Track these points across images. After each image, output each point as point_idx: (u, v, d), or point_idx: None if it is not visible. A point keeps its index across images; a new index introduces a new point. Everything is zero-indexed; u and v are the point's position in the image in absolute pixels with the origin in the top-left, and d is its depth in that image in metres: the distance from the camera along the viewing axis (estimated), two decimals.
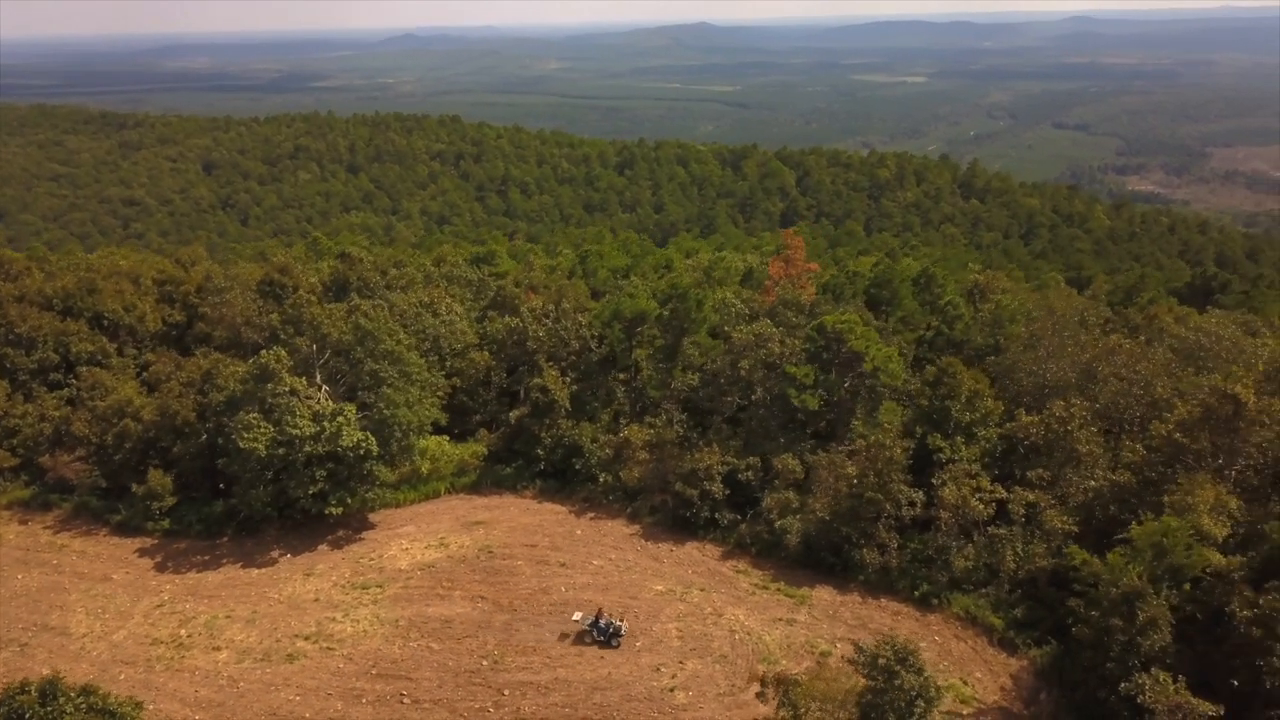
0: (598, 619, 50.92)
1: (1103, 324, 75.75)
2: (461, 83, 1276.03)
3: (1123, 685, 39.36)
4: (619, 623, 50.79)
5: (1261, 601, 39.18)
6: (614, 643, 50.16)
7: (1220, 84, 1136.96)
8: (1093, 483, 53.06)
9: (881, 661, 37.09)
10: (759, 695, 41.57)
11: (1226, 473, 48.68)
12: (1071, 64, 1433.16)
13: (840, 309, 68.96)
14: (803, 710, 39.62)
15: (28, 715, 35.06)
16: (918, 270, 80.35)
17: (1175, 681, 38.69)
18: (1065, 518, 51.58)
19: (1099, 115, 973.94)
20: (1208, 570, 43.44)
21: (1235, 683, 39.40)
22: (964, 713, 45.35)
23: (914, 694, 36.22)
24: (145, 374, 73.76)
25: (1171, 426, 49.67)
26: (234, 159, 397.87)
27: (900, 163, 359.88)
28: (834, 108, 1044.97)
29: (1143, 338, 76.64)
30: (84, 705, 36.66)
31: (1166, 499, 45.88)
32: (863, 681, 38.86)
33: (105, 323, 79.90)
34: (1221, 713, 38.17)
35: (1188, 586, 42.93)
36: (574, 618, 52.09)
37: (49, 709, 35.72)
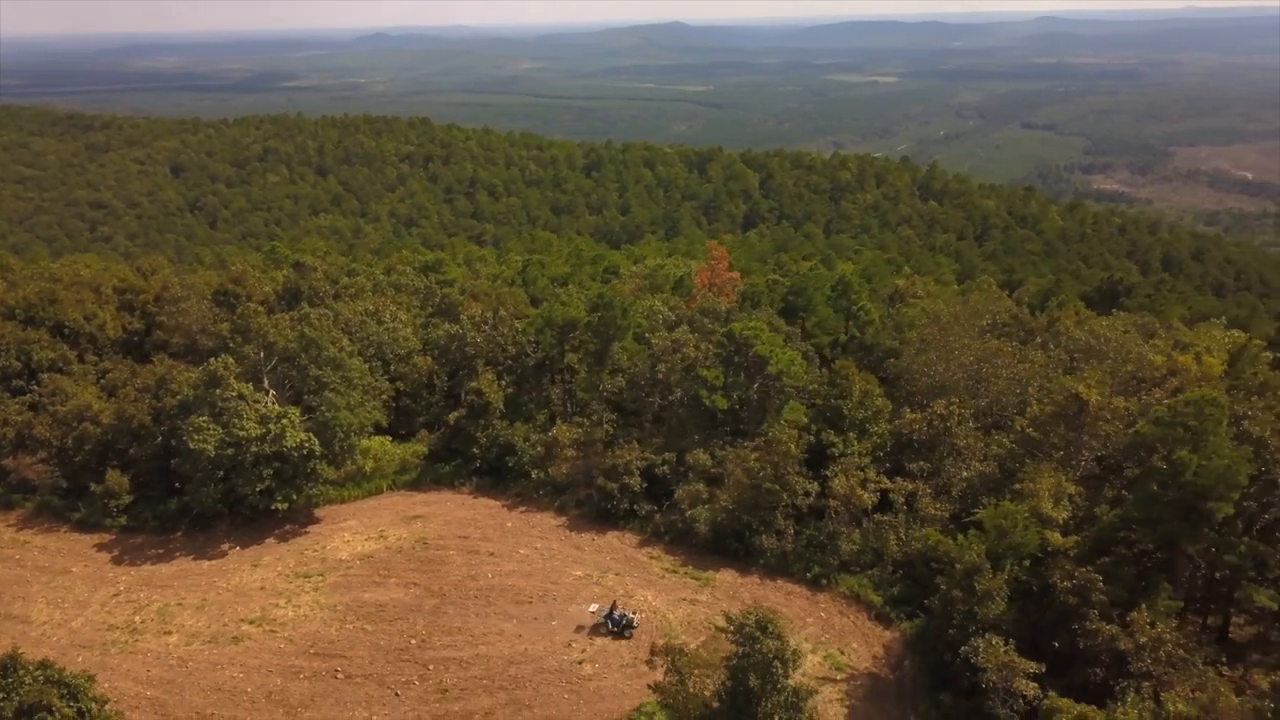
0: (612, 610, 54.67)
1: (1000, 328, 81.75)
2: (434, 83, 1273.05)
3: (962, 649, 45.19)
4: (631, 615, 54.25)
5: (1077, 574, 45.18)
6: (626, 634, 53.45)
7: (1185, 84, 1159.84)
8: (966, 473, 59.04)
9: (746, 629, 42.57)
10: (648, 663, 46.91)
11: (1074, 463, 54.82)
12: (1040, 64, 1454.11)
13: (754, 316, 74.62)
14: (685, 674, 45.13)
15: None
16: (835, 279, 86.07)
17: (1006, 645, 44.60)
18: (939, 505, 57.51)
19: (1066, 115, 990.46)
20: (1048, 548, 49.41)
21: (1056, 644, 45.35)
22: (837, 677, 51.11)
23: (772, 657, 41.69)
24: (104, 380, 77.87)
25: (1026, 422, 55.80)
26: (202, 161, 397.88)
27: (862, 165, 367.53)
28: (806, 107, 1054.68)
29: (1039, 340, 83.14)
30: (41, 678, 41.34)
31: (1016, 486, 51.90)
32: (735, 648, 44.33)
33: (66, 331, 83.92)
34: (1043, 669, 44.13)
35: (1027, 563, 48.85)
36: (590, 609, 55.83)
37: (9, 680, 40.41)
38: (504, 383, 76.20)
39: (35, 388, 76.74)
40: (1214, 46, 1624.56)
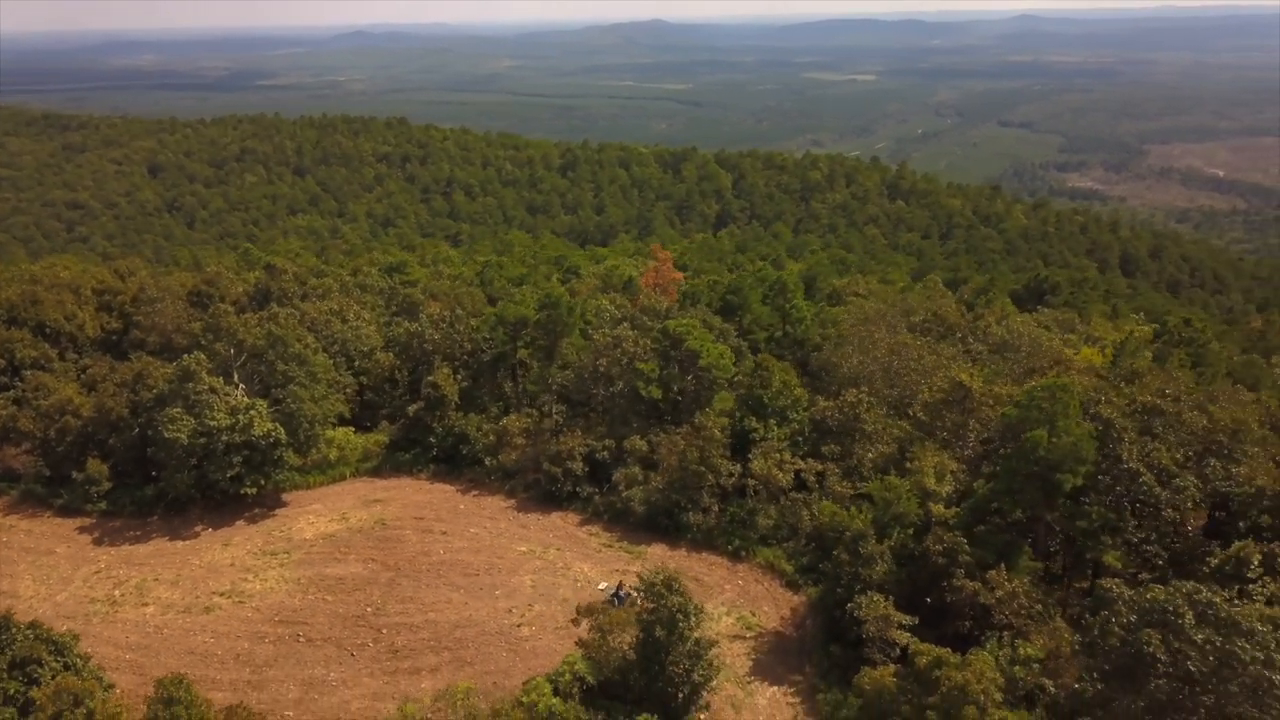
0: (619, 590, 58.80)
1: (923, 324, 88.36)
2: (413, 81, 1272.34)
3: (849, 605, 51.53)
4: (635, 593, 56.39)
5: (946, 538, 51.61)
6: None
7: (1160, 82, 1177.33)
8: (871, 454, 65.46)
9: (654, 588, 48.66)
10: (574, 621, 52.97)
11: (961, 444, 61.36)
12: (1017, 62, 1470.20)
13: (690, 314, 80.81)
14: (606, 631, 51.21)
15: None
16: (773, 279, 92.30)
17: (886, 601, 50.98)
18: (845, 483, 63.86)
19: (1042, 113, 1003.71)
20: (931, 518, 55.84)
21: (929, 600, 51.79)
22: (747, 635, 57.36)
23: (676, 611, 47.80)
24: (84, 376, 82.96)
25: (919, 408, 62.27)
26: (180, 161, 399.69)
27: (832, 165, 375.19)
28: (785, 106, 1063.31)
29: (959, 335, 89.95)
30: (31, 635, 46.91)
31: (907, 464, 58.34)
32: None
33: (47, 331, 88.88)
34: (917, 622, 50.57)
35: (911, 531, 55.26)
36: (599, 586, 60.37)
37: (3, 637, 45.94)
38: (460, 377, 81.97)
39: (19, 384, 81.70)
40: (1189, 45, 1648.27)
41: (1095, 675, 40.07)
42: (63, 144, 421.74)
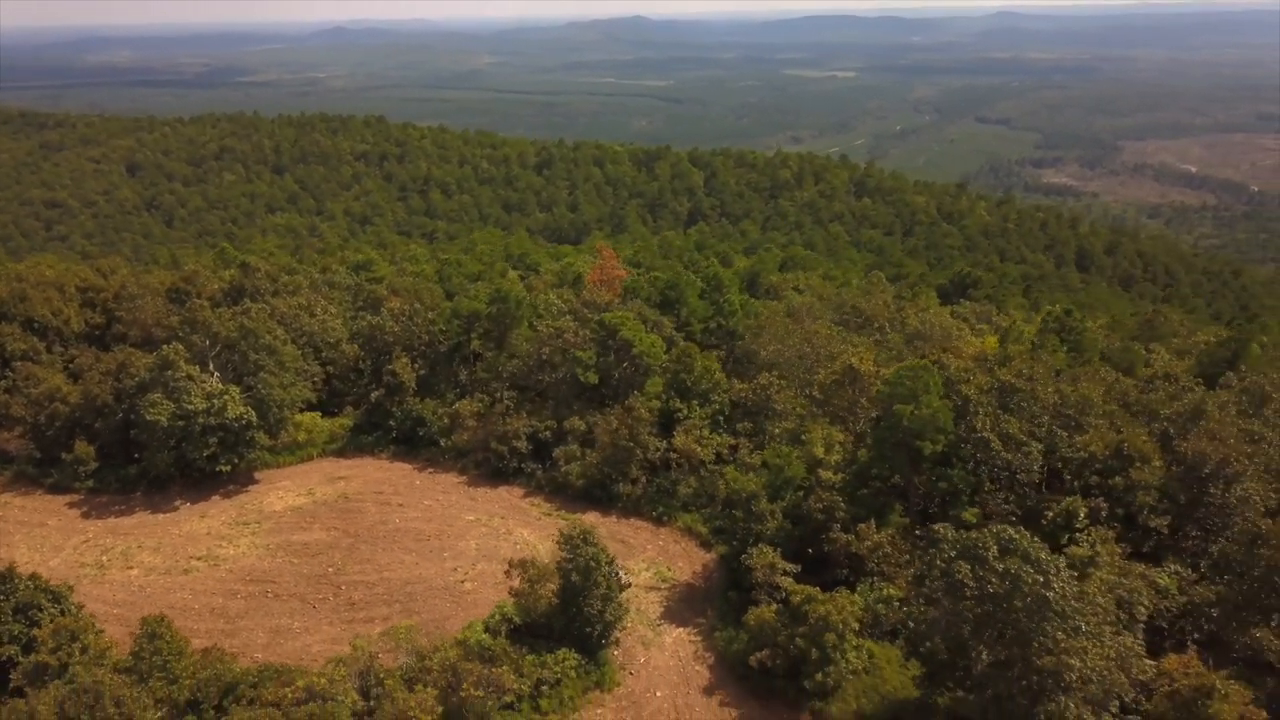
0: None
1: (844, 316, 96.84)
2: (392, 78, 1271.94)
3: (742, 557, 59.77)
4: (625, 576, 63.73)
5: (825, 498, 59.95)
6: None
7: (1136, 79, 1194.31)
8: (778, 429, 73.75)
9: (572, 540, 56.63)
10: (507, 573, 60.87)
11: (853, 418, 69.74)
12: (996, 59, 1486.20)
13: (626, 308, 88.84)
14: (535, 581, 59.15)
15: None
16: (710, 275, 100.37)
17: (775, 552, 59.22)
18: (755, 455, 72.11)
19: (1020, 110, 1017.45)
20: (821, 482, 64.13)
21: (810, 550, 60.11)
22: (662, 586, 65.54)
23: (590, 561, 55.81)
24: (71, 367, 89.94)
25: (815, 388, 70.61)
26: (158, 160, 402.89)
27: (802, 163, 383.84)
28: (765, 103, 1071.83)
29: (879, 325, 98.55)
30: (31, 586, 54.38)
31: (802, 437, 66.65)
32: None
33: (35, 325, 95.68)
34: (800, 569, 58.85)
35: (801, 493, 63.54)
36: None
37: (7, 586, 53.38)
38: (418, 365, 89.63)
39: (9, 374, 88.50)
40: (1165, 42, 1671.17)
41: (922, 601, 48.46)
42: (40, 142, 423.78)
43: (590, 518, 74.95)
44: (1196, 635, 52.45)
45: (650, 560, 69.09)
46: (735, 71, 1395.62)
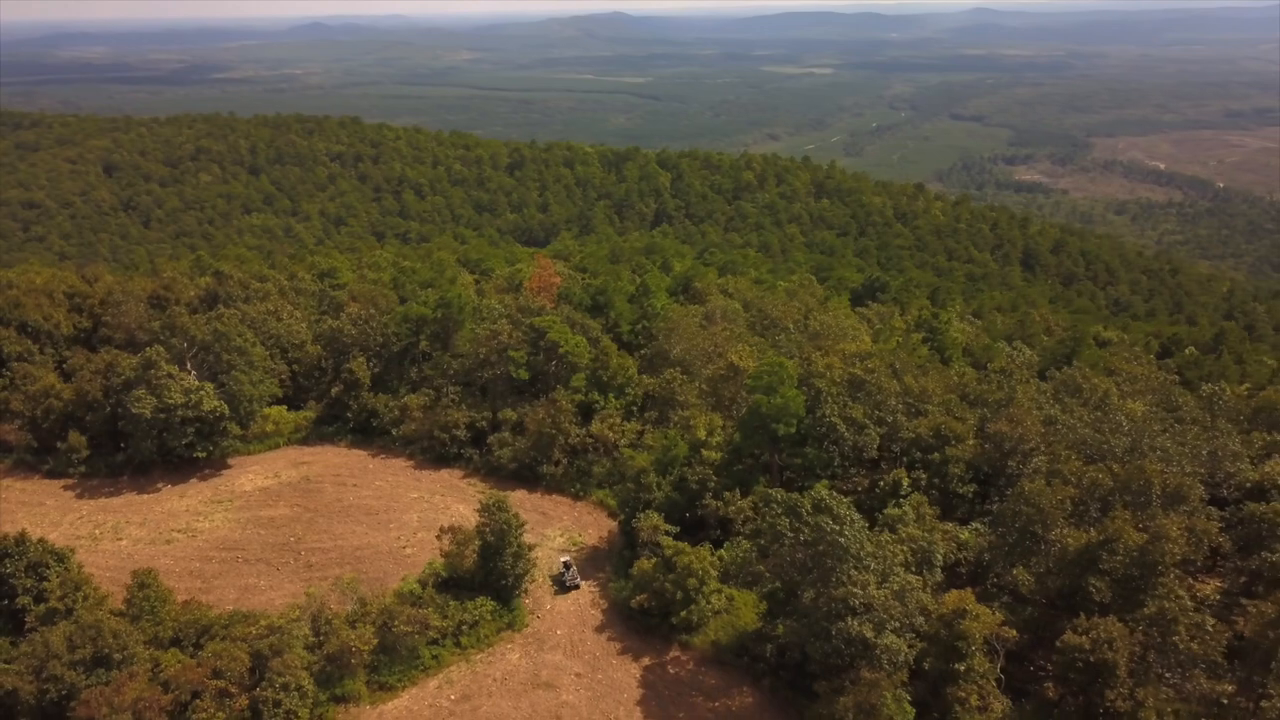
0: (567, 569, 73.29)
1: (754, 319, 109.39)
2: (370, 74, 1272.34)
3: (633, 521, 72.28)
4: (578, 579, 72.50)
5: (700, 472, 72.52)
6: (567, 589, 71.44)
7: (1108, 75, 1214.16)
8: (677, 417, 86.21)
9: (489, 506, 68.82)
10: (438, 538, 73.02)
11: (736, 406, 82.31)
12: (971, 55, 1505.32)
13: (557, 312, 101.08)
14: (461, 544, 71.39)
15: (11, 550, 64.26)
16: (639, 282, 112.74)
17: (659, 516, 71.70)
18: (658, 436, 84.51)
19: (993, 106, 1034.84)
20: (704, 460, 76.64)
21: (688, 515, 72.73)
22: (572, 549, 77.98)
23: (504, 524, 68.05)
24: (64, 366, 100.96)
25: (702, 381, 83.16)
26: (135, 160, 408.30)
27: (765, 164, 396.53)
28: (742, 100, 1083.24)
29: (789, 325, 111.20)
30: (41, 548, 66.01)
31: (690, 422, 79.25)
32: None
33: (29, 329, 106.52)
34: (680, 531, 71.40)
35: (685, 469, 76.03)
36: (563, 558, 74.75)
37: (20, 549, 64.99)
38: (373, 364, 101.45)
39: (7, 373, 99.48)
40: (1137, 38, 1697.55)
41: (754, 549, 61.15)
42: (15, 142, 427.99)
43: (518, 495, 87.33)
44: (994, 578, 65.37)
45: (565, 528, 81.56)
46: (714, 68, 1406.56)
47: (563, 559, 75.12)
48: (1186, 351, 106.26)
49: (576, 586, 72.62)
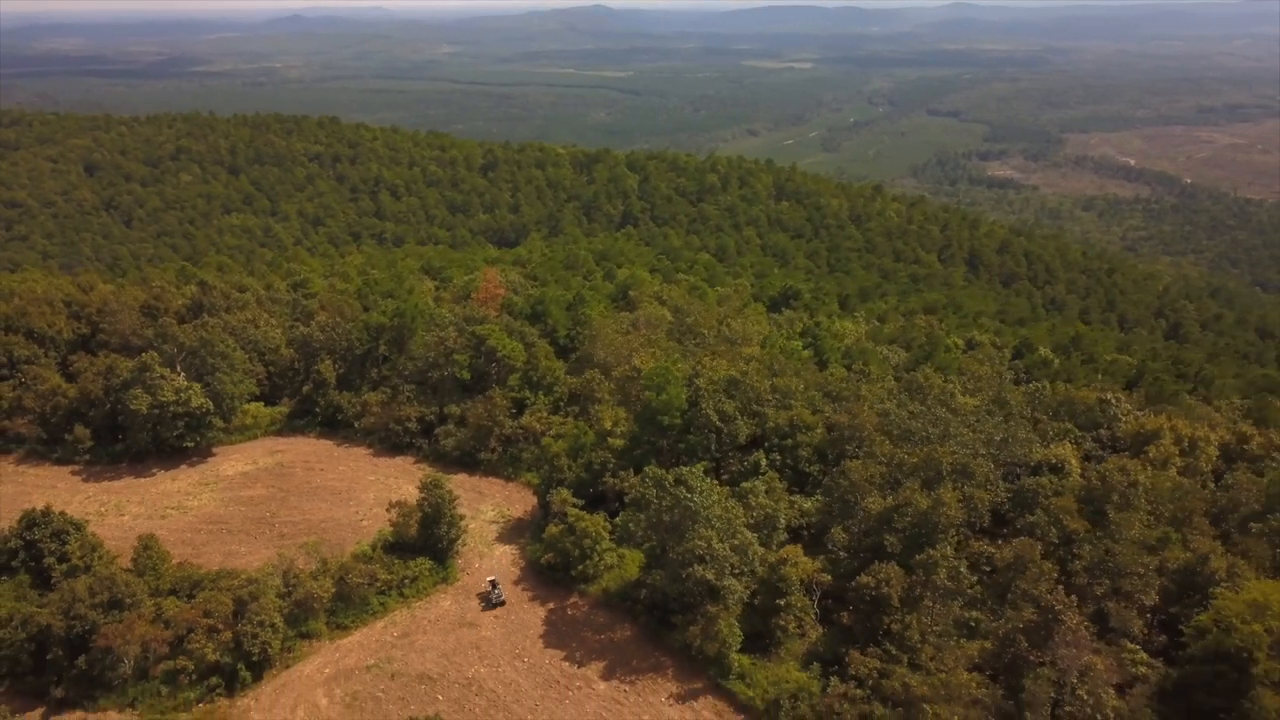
0: (494, 587, 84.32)
1: (671, 326, 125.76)
2: (349, 68, 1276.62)
3: (548, 496, 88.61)
4: (502, 596, 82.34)
5: (602, 455, 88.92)
6: (493, 605, 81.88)
7: (1084, 71, 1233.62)
8: (594, 411, 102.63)
9: (428, 483, 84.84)
10: (388, 510, 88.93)
11: (638, 403, 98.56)
12: (950, 50, 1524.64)
13: (498, 321, 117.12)
14: (406, 515, 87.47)
15: (39, 520, 79.86)
16: (574, 293, 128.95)
17: (569, 492, 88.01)
18: (571, 426, 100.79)
19: (970, 102, 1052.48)
20: (611, 448, 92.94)
21: (591, 490, 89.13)
22: (500, 521, 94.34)
23: (439, 499, 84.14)
24: (69, 368, 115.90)
25: (612, 381, 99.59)
26: (116, 160, 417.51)
27: (730, 167, 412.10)
28: (723, 95, 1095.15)
29: (705, 331, 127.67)
30: (63, 519, 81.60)
31: (600, 414, 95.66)
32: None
33: (34, 334, 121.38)
34: (586, 504, 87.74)
35: (595, 453, 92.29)
36: (489, 578, 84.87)
37: (46, 518, 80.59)
38: (339, 366, 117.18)
39: (18, 374, 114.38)
40: (1113, 34, 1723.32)
41: (635, 514, 77.82)
42: None
43: (460, 477, 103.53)
44: (825, 537, 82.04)
45: (496, 504, 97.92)
46: (695, 62, 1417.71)
47: (489, 579, 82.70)
48: (1039, 352, 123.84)
49: (502, 603, 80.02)
